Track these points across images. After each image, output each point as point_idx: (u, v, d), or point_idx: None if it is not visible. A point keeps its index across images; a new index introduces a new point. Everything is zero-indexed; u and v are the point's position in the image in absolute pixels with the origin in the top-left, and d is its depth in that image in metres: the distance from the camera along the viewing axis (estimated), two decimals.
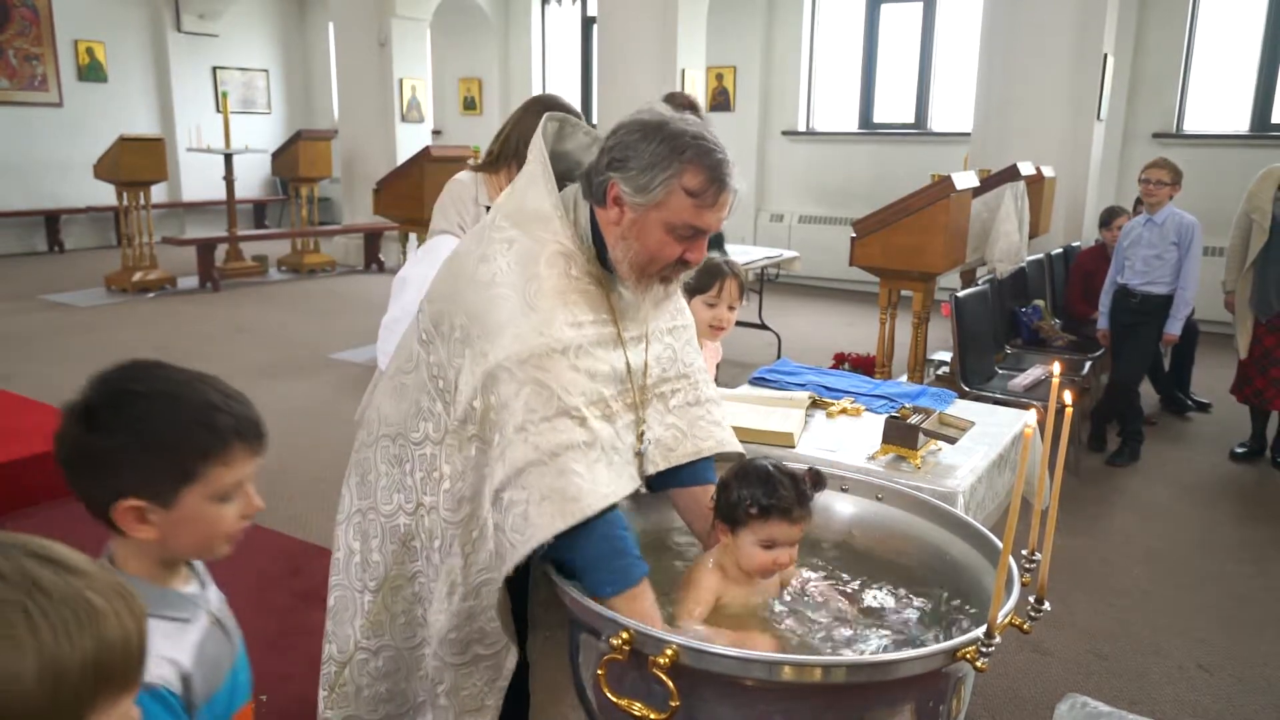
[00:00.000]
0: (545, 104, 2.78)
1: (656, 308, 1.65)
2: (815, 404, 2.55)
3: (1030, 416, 1.27)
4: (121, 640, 0.76)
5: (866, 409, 2.54)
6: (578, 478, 1.44)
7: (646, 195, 1.48)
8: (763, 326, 6.81)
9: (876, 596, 1.64)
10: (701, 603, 1.54)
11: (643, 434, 1.65)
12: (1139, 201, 5.46)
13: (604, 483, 1.47)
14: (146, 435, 1.07)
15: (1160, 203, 4.56)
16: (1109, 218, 5.37)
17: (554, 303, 1.50)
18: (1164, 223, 4.56)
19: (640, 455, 1.64)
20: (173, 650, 1.09)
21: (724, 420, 1.82)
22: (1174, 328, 4.64)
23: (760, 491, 1.54)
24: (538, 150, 1.62)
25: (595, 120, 9.24)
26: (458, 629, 1.56)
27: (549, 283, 1.51)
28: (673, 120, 1.51)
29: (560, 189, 1.61)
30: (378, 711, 1.73)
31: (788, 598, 1.61)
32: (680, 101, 2.83)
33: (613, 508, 1.49)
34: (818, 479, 1.62)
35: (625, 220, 1.52)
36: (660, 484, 1.72)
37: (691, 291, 2.59)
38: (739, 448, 1.81)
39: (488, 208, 2.29)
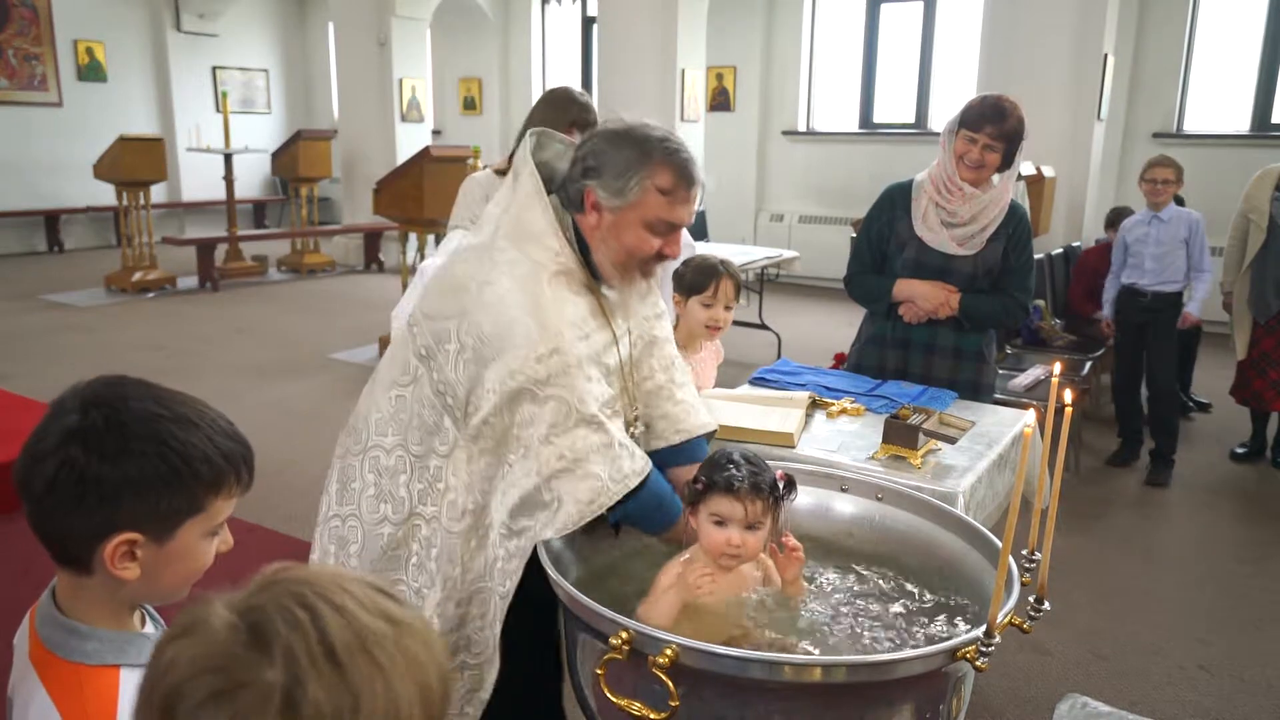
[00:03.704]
0: (559, 96, 2.80)
1: (643, 301, 1.78)
2: (815, 404, 2.55)
3: (1030, 416, 1.27)
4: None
5: (866, 409, 2.54)
6: (597, 480, 1.56)
7: (622, 198, 1.60)
8: (763, 326, 6.81)
9: (876, 596, 1.64)
10: (662, 592, 1.54)
11: (636, 418, 1.78)
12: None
13: (623, 474, 1.59)
14: (169, 462, 0.97)
15: (1166, 201, 4.55)
16: (1116, 218, 5.36)
17: (561, 320, 1.59)
18: (1171, 220, 4.55)
19: (634, 439, 1.73)
20: None
21: (691, 404, 1.92)
22: (1195, 308, 4.63)
23: (712, 469, 1.60)
24: (529, 171, 1.68)
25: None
26: (446, 634, 1.61)
27: (554, 302, 1.60)
28: (638, 126, 1.63)
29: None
30: None
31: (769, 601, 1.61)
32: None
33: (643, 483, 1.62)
34: (789, 483, 1.63)
35: (604, 223, 1.62)
36: (659, 464, 1.78)
37: (687, 292, 2.59)
38: (705, 424, 1.92)
39: None
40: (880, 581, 1.68)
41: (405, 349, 1.68)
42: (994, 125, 2.68)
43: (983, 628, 1.26)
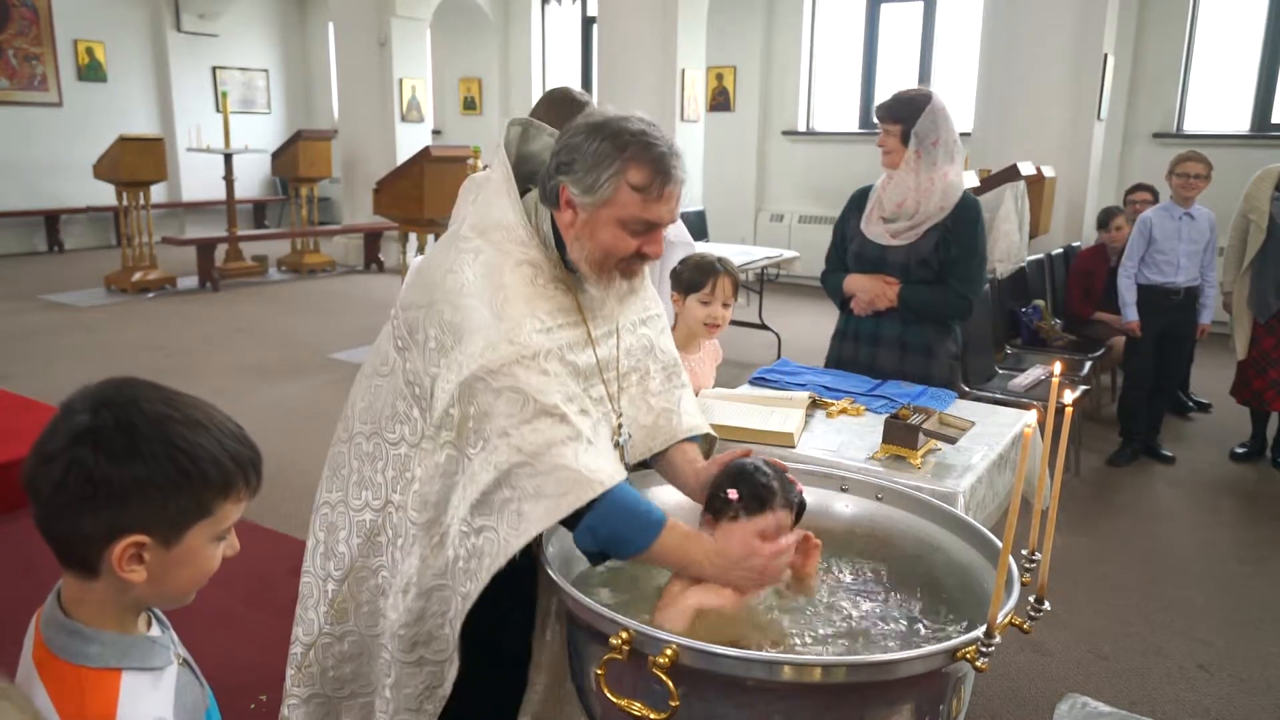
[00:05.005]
0: (559, 96, 2.78)
1: (622, 303, 1.67)
2: (815, 404, 2.55)
3: (1030, 417, 1.27)
4: None
5: (866, 409, 2.54)
6: (567, 471, 1.46)
7: (594, 195, 1.50)
8: (763, 326, 6.81)
9: (876, 596, 1.64)
10: (677, 604, 1.53)
11: (620, 425, 1.69)
12: (1128, 200, 5.48)
13: (592, 470, 1.48)
14: (178, 464, 0.97)
15: (1196, 196, 4.56)
16: (1107, 218, 5.36)
17: (521, 311, 1.52)
18: (1199, 217, 4.57)
19: (620, 447, 1.67)
20: (156, 707, 1.01)
21: (695, 409, 1.86)
22: (1208, 316, 4.67)
23: (740, 480, 1.58)
24: (500, 160, 1.65)
25: None
26: (407, 626, 1.59)
27: (515, 291, 1.54)
28: (615, 119, 1.53)
29: (527, 192, 1.64)
30: (343, 690, 1.77)
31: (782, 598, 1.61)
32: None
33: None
34: (801, 505, 1.64)
35: (579, 221, 1.54)
36: (643, 462, 1.77)
37: (685, 290, 2.59)
38: (709, 429, 1.88)
39: None
40: (880, 581, 1.68)
41: (387, 341, 1.68)
42: (883, 109, 2.85)
43: (983, 628, 1.26)
